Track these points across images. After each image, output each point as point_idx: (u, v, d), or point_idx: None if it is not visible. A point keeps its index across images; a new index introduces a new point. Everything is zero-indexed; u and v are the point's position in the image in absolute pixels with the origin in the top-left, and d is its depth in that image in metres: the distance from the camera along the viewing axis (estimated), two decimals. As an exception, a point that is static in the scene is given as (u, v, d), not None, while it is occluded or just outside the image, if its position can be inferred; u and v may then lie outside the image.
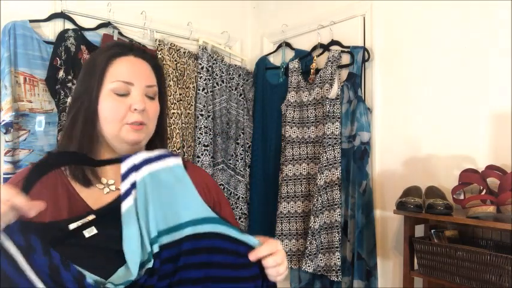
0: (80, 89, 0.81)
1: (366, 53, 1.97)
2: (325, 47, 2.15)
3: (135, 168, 0.67)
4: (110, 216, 0.66)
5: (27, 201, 0.55)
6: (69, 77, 1.78)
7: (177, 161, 0.70)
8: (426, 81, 1.78)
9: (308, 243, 1.93)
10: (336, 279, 1.89)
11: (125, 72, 0.79)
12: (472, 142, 1.62)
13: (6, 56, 1.67)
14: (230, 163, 2.31)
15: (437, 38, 1.75)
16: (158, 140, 0.88)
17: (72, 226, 0.64)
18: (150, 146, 0.86)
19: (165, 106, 0.89)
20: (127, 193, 0.66)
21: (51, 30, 1.84)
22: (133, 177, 0.66)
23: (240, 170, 2.33)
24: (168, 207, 0.66)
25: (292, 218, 2.11)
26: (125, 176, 0.67)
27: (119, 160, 0.69)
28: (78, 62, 1.82)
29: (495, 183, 1.43)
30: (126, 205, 0.65)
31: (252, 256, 0.70)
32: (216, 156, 2.23)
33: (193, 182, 0.70)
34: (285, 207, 2.11)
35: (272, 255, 0.72)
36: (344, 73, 2.06)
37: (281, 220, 2.10)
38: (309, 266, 1.92)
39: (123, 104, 0.78)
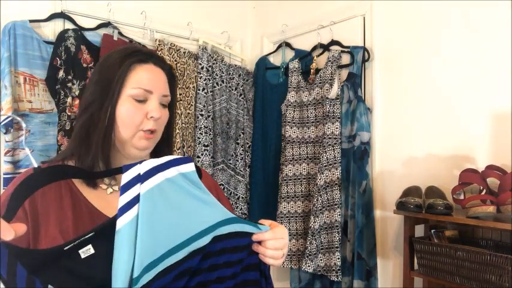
0: (96, 91, 0.79)
1: (366, 53, 1.97)
2: (325, 47, 2.16)
3: (141, 178, 0.61)
4: (109, 233, 0.59)
5: (5, 225, 0.53)
6: (69, 77, 1.78)
7: (190, 167, 0.66)
8: (426, 81, 1.78)
9: (308, 243, 1.93)
10: (336, 279, 1.89)
11: (146, 80, 0.80)
12: (472, 142, 1.62)
13: (6, 56, 1.67)
14: (230, 163, 2.31)
15: (437, 38, 1.75)
16: (165, 146, 0.89)
17: (66, 247, 0.58)
18: (156, 153, 0.87)
19: (174, 114, 0.91)
20: (125, 208, 0.59)
21: (51, 30, 1.84)
22: (137, 189, 0.60)
23: (240, 170, 2.33)
24: (182, 219, 0.63)
25: (292, 218, 2.11)
26: (125, 188, 0.60)
27: (120, 170, 0.64)
28: (78, 62, 1.82)
29: (495, 183, 1.43)
30: (121, 223, 0.58)
31: (255, 237, 0.73)
32: (216, 156, 2.23)
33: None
34: (285, 207, 2.11)
35: (274, 239, 0.75)
36: (344, 73, 2.06)
37: (281, 220, 2.10)
38: (309, 266, 1.92)
39: (140, 110, 0.79)
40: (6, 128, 1.67)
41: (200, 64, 2.20)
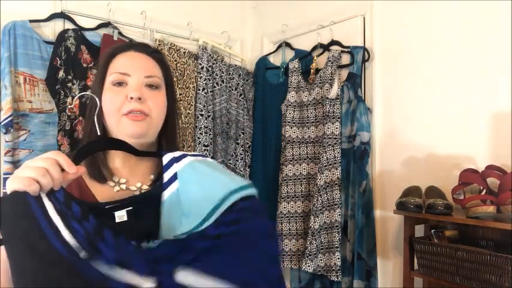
0: (91, 89, 0.85)
1: (366, 53, 1.97)
2: (325, 47, 2.15)
3: (176, 160, 0.73)
4: (143, 205, 0.70)
5: (69, 161, 0.62)
6: (69, 77, 1.78)
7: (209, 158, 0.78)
8: (426, 81, 1.78)
9: (308, 243, 1.93)
10: (336, 279, 1.89)
11: (123, 64, 0.81)
12: (472, 142, 1.62)
13: (6, 56, 1.67)
14: (230, 163, 2.31)
15: (437, 38, 1.75)
16: (164, 138, 0.86)
17: (108, 206, 0.68)
18: (159, 146, 0.85)
19: (173, 101, 0.87)
20: (170, 181, 0.71)
21: (51, 30, 1.84)
22: (175, 167, 0.71)
23: (240, 170, 2.33)
24: (208, 190, 0.70)
25: (292, 218, 2.11)
26: (167, 167, 0.72)
27: (158, 154, 0.76)
28: (78, 62, 1.82)
29: (495, 183, 1.43)
30: (167, 194, 0.70)
31: None
32: (216, 156, 2.23)
33: None
34: (285, 207, 2.11)
35: None
36: (344, 73, 2.06)
37: (281, 220, 2.10)
38: (309, 266, 1.92)
39: (119, 94, 0.78)
40: (6, 128, 1.67)
41: (200, 64, 2.20)
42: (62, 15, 1.86)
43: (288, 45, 2.38)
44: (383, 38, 1.95)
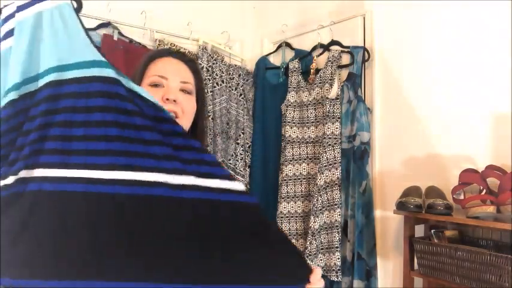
0: None
1: (366, 53, 1.97)
2: (325, 47, 2.15)
3: (19, 9, 0.66)
4: None
5: None
6: (69, 77, 1.78)
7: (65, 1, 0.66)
8: (426, 81, 1.78)
9: (308, 243, 1.93)
10: (336, 279, 1.88)
11: (161, 68, 0.87)
12: (472, 142, 1.62)
13: (6, 56, 1.67)
14: (230, 163, 2.31)
15: (437, 38, 1.75)
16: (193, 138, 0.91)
17: None
18: None
19: (202, 106, 0.95)
20: (4, 37, 0.65)
21: (51, 30, 1.84)
22: (12, 22, 0.65)
23: (240, 170, 2.33)
24: (49, 51, 0.64)
25: (292, 218, 2.11)
26: (6, 20, 0.67)
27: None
28: (78, 62, 1.82)
29: (495, 183, 1.43)
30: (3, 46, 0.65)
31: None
32: (216, 156, 2.23)
33: None
34: (285, 207, 2.11)
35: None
36: (344, 73, 2.06)
37: (281, 220, 2.10)
38: (309, 266, 1.91)
39: (156, 94, 0.82)
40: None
41: (200, 64, 2.20)
42: (62, 15, 1.86)
43: (288, 45, 2.38)
44: (383, 38, 1.95)
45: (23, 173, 0.61)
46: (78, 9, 0.69)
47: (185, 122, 0.87)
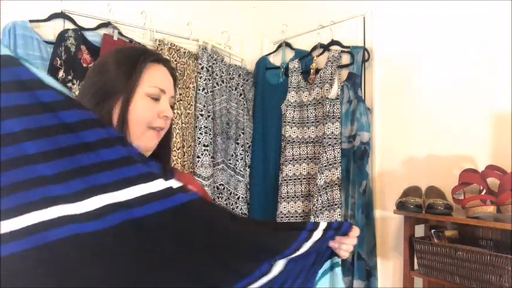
0: (107, 86, 0.77)
1: (366, 53, 1.97)
2: (325, 47, 2.15)
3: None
4: None
5: None
6: (69, 77, 1.78)
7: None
8: (426, 81, 1.78)
9: (308, 243, 1.93)
10: (336, 279, 1.88)
11: (161, 80, 0.82)
12: (472, 142, 1.62)
13: (6, 56, 1.67)
14: (230, 163, 2.31)
15: (437, 38, 1.75)
16: (165, 146, 0.89)
17: None
18: (156, 153, 0.86)
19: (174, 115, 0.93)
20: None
21: (51, 30, 1.84)
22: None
23: (240, 170, 2.33)
24: None
25: (292, 218, 2.11)
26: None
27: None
28: (78, 62, 1.82)
29: (495, 183, 1.43)
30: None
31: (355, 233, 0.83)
32: (216, 156, 2.23)
33: None
34: (285, 207, 2.11)
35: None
36: (344, 73, 2.06)
37: (281, 220, 2.10)
38: (309, 266, 1.91)
39: (154, 109, 0.80)
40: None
41: (200, 64, 2.20)
42: (62, 15, 1.86)
43: (288, 45, 2.38)
44: (383, 38, 1.95)
45: None
46: None
47: (163, 133, 0.85)
